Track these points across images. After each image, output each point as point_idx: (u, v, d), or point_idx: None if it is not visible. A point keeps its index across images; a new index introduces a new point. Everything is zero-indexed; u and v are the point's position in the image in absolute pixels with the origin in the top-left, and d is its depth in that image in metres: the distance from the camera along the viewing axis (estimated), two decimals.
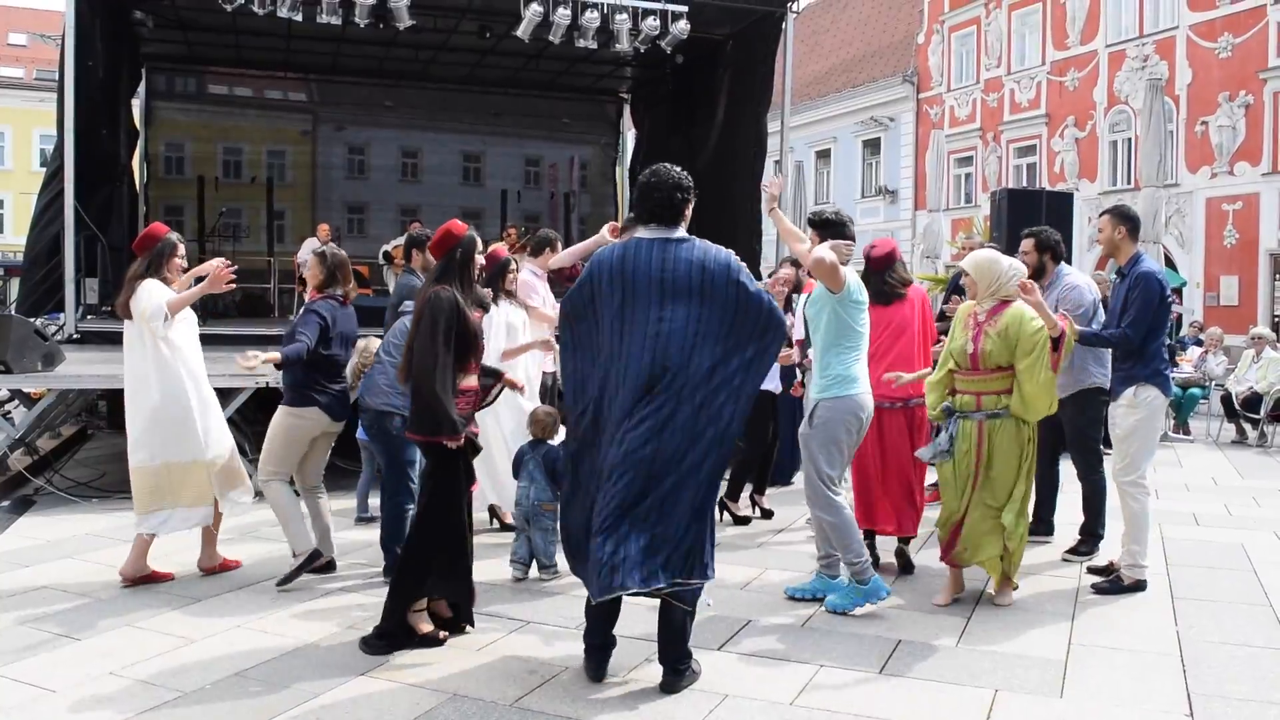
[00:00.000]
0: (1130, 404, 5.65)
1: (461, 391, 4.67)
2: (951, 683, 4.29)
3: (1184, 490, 8.94)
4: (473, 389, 4.81)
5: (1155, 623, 5.12)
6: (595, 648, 4.30)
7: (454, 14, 13.65)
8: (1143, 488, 5.68)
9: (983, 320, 5.31)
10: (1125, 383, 5.70)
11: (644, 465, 3.96)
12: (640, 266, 4.09)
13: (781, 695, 4.13)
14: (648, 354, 4.02)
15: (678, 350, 4.02)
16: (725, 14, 13.52)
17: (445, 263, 4.73)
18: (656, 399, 3.99)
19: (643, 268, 4.09)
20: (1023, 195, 12.87)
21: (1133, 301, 5.62)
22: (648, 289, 4.07)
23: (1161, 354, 5.75)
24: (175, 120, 17.04)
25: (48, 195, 11.86)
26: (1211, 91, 22.96)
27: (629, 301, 4.09)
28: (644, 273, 4.08)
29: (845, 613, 5.17)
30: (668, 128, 16.21)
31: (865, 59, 34.25)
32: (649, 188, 4.24)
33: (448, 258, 4.73)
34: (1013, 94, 28.19)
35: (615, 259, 4.17)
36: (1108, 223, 5.89)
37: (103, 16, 12.11)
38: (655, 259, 4.09)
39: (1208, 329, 15.70)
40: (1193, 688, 4.23)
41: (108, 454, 9.73)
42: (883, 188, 32.32)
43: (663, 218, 4.19)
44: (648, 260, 4.10)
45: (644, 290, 4.07)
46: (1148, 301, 5.59)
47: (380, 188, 18.34)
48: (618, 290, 4.11)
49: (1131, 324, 5.60)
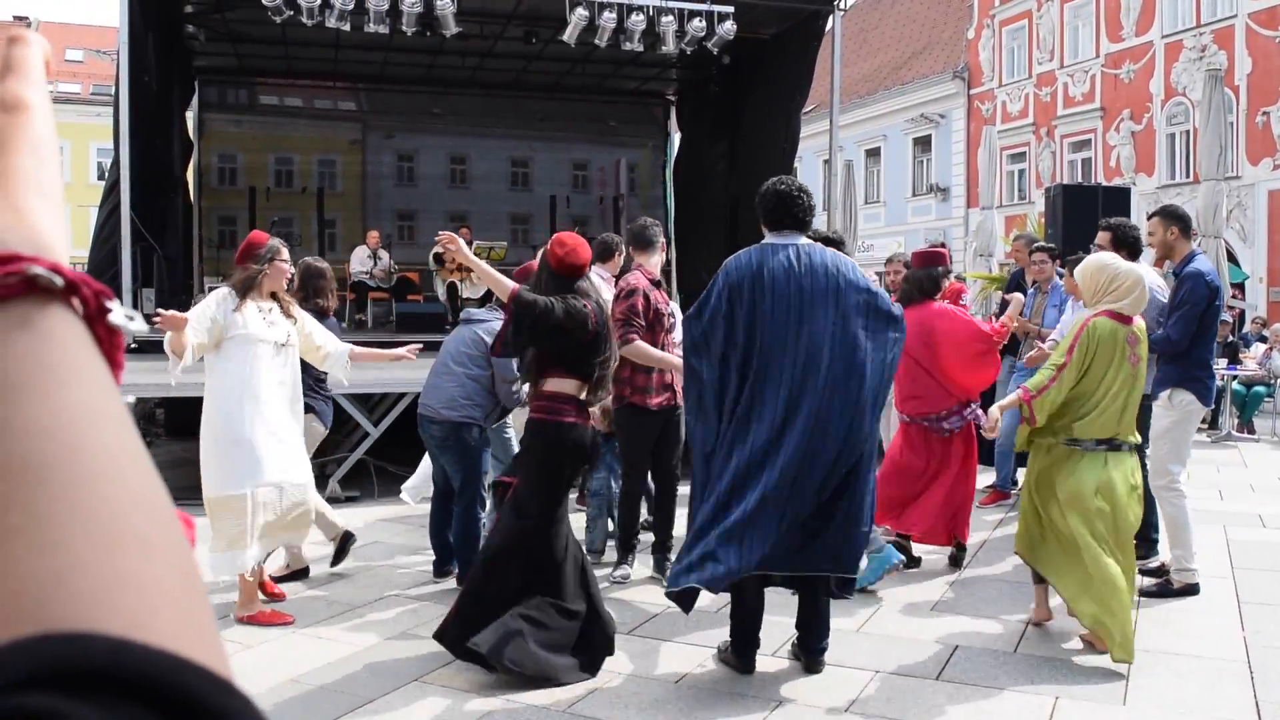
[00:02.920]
0: (1165, 406, 5.55)
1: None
2: (1010, 689, 4.21)
3: (1249, 491, 8.73)
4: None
5: (1221, 628, 4.99)
6: (747, 644, 4.38)
7: (500, 20, 13.71)
8: (1176, 491, 5.56)
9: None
10: (1162, 384, 5.59)
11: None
12: (779, 272, 4.21)
13: (837, 701, 4.08)
14: (812, 353, 4.15)
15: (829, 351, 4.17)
16: (772, 14, 13.44)
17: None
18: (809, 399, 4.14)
19: (780, 274, 4.20)
20: (1078, 191, 12.67)
21: (1179, 303, 5.49)
22: (785, 293, 4.18)
23: (1205, 360, 5.60)
24: (227, 131, 17.25)
25: (107, 208, 12.06)
26: (1272, 81, 22.45)
27: (767, 302, 4.18)
28: (782, 276, 4.20)
29: (870, 583, 5.41)
30: (713, 129, 16.15)
31: (914, 56, 33.94)
32: (784, 195, 4.38)
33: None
34: (1066, 88, 27.76)
35: (754, 265, 4.26)
36: (1158, 224, 5.79)
37: (156, 32, 12.30)
38: (793, 263, 4.23)
39: (1272, 325, 15.35)
40: (1261, 695, 4.11)
41: (165, 461, 9.85)
42: (934, 185, 31.99)
43: (800, 223, 4.39)
44: (786, 263, 4.22)
45: (782, 294, 4.18)
46: (1194, 304, 5.48)
47: (429, 195, 18.43)
48: (762, 296, 4.19)
49: (1174, 326, 5.48)
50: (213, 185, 17.07)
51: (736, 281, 4.24)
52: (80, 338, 0.44)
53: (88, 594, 0.36)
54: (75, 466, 0.40)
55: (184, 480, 5.77)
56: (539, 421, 4.53)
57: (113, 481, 0.40)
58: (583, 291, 4.56)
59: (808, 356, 4.15)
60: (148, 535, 0.40)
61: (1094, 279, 4.67)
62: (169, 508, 0.43)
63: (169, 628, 0.37)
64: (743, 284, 4.22)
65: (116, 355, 0.46)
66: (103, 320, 0.45)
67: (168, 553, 0.40)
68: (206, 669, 0.36)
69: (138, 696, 0.34)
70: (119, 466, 0.41)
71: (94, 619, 0.36)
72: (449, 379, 5.67)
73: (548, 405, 4.52)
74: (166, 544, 0.41)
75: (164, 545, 0.40)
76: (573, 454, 4.57)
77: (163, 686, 0.34)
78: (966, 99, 31.01)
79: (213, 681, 0.36)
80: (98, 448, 0.41)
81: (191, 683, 0.35)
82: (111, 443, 0.42)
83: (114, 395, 0.43)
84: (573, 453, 4.56)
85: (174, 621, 0.38)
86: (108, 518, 0.39)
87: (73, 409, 0.41)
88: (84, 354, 0.43)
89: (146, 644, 0.35)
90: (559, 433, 4.48)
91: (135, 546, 0.39)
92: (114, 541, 0.38)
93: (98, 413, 0.42)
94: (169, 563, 0.40)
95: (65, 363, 0.42)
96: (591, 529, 6.38)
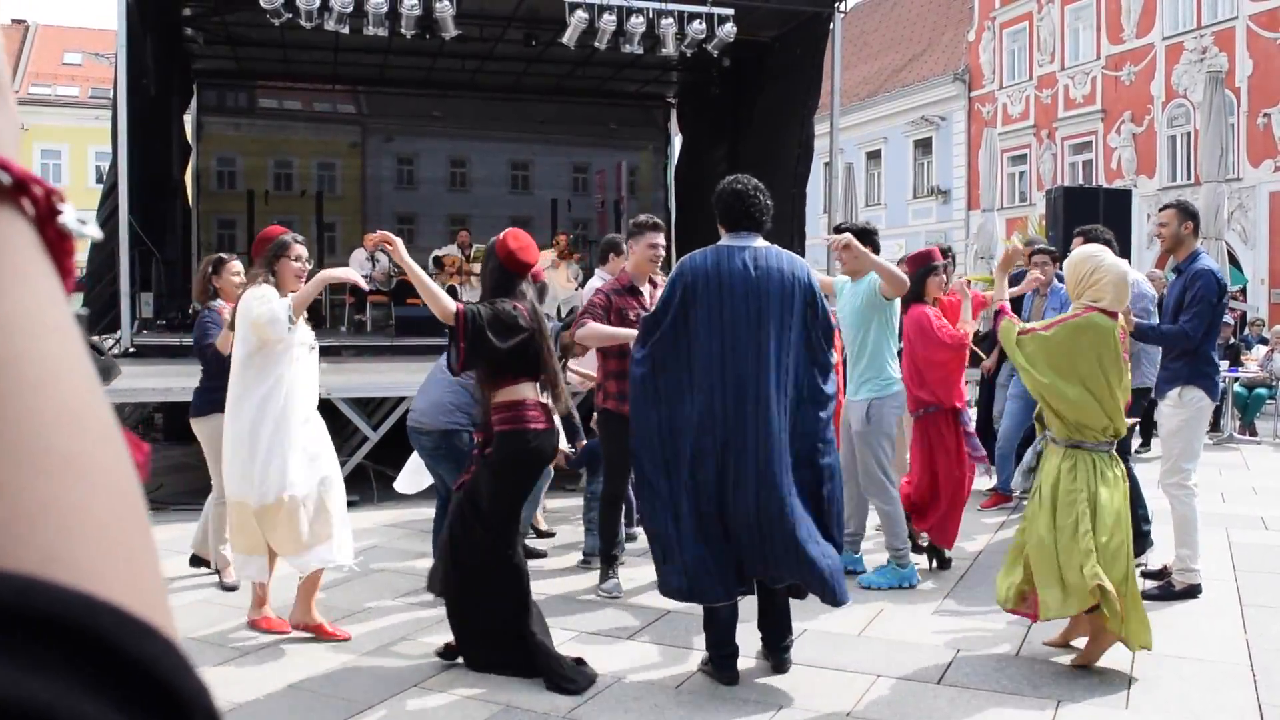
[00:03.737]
0: (1175, 404, 5.54)
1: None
2: (1012, 693, 4.18)
3: (1251, 493, 8.70)
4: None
5: (1224, 631, 4.96)
6: (728, 655, 4.33)
7: (499, 23, 13.71)
8: (1188, 489, 5.54)
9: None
10: (1170, 382, 5.58)
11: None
12: (736, 273, 4.19)
13: (839, 706, 4.06)
14: (757, 363, 4.15)
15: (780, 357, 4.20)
16: (772, 16, 13.44)
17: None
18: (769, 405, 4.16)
19: (739, 274, 4.19)
20: (1079, 193, 12.66)
21: (1194, 299, 5.48)
22: (744, 296, 4.16)
23: (1212, 356, 5.62)
24: (226, 135, 17.25)
25: (105, 212, 12.06)
26: (1273, 83, 22.43)
27: (726, 307, 4.16)
28: (740, 279, 4.18)
29: (879, 588, 5.64)
30: (714, 132, 16.14)
31: (915, 58, 33.93)
32: (742, 195, 4.37)
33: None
34: (1067, 90, 27.75)
35: (710, 266, 4.23)
36: (1173, 216, 5.76)
37: (154, 35, 12.30)
38: (747, 264, 4.22)
39: (1273, 326, 15.31)
40: (1264, 698, 4.09)
41: (164, 466, 9.83)
42: (935, 188, 31.97)
43: (757, 224, 4.36)
44: (743, 266, 4.21)
45: (740, 297, 4.16)
46: (1208, 298, 5.47)
47: (429, 198, 18.43)
48: (715, 297, 4.17)
49: (1191, 320, 5.47)
50: (211, 189, 17.07)
51: (690, 282, 4.21)
52: (26, 240, 0.40)
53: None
54: (1, 379, 0.36)
55: (183, 485, 5.75)
56: (507, 433, 4.40)
57: (43, 395, 0.36)
58: (518, 293, 4.48)
59: (759, 362, 4.14)
60: (78, 457, 0.36)
61: (1077, 270, 4.59)
62: (111, 427, 0.39)
63: (91, 563, 0.34)
64: (697, 284, 4.19)
65: (66, 261, 0.42)
66: (53, 222, 0.41)
67: (101, 477, 0.37)
68: (123, 610, 0.33)
69: (45, 641, 0.31)
70: (54, 380, 0.37)
71: (2, 552, 0.33)
72: (442, 386, 5.65)
73: (512, 415, 4.41)
74: (101, 467, 0.37)
75: (97, 468, 0.37)
76: (541, 462, 4.55)
77: (73, 630, 0.31)
78: (967, 101, 31.00)
79: (130, 624, 0.33)
80: (30, 358, 0.37)
81: (106, 626, 0.32)
82: (48, 353, 0.37)
83: (59, 303, 0.40)
84: (541, 460, 4.54)
85: (98, 556, 0.34)
86: (30, 435, 0.35)
87: (8, 316, 0.37)
88: (28, 257, 0.39)
89: (58, 582, 0.32)
90: (527, 442, 4.41)
91: (61, 469, 0.35)
92: (36, 462, 0.35)
93: (36, 321, 0.38)
94: (101, 489, 0.36)
95: (5, 266, 0.38)
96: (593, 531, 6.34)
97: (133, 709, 0.32)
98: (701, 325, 4.18)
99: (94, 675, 0.31)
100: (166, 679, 0.33)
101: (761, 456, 4.12)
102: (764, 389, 4.13)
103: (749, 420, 4.13)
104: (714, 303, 4.16)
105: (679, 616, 5.16)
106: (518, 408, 4.42)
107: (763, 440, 4.12)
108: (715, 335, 4.16)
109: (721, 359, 4.15)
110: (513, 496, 4.50)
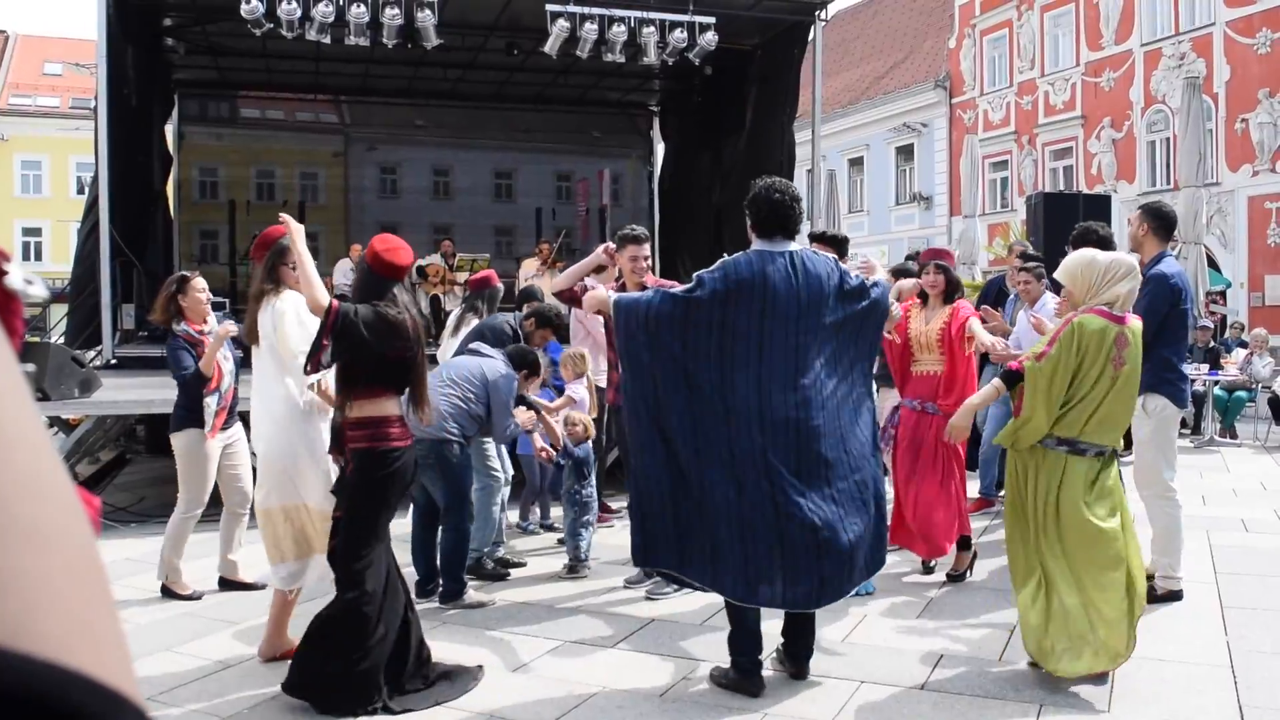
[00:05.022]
0: (1139, 414, 5.48)
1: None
2: (995, 698, 4.20)
3: (1232, 495, 8.75)
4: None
5: (1205, 633, 4.99)
6: (756, 663, 4.33)
7: (481, 32, 13.71)
8: (1169, 499, 5.53)
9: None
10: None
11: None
12: (779, 277, 4.18)
13: (823, 712, 4.06)
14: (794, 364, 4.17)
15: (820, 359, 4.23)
16: (753, 24, 13.48)
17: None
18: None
19: (782, 278, 4.17)
20: (1059, 199, 12.73)
21: (1146, 310, 5.48)
22: (787, 301, 4.16)
23: (1173, 363, 5.56)
24: (207, 145, 17.20)
25: (89, 224, 12.01)
26: (1251, 88, 22.61)
27: (768, 312, 4.15)
28: (784, 284, 4.17)
29: (864, 593, 5.54)
30: (697, 139, 16.18)
31: (896, 65, 34.07)
32: (784, 206, 4.36)
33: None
34: (1047, 96, 27.91)
35: (756, 270, 4.19)
36: (1136, 218, 5.90)
37: (135, 44, 12.26)
38: (790, 272, 4.21)
39: (1253, 330, 15.41)
40: (1245, 700, 4.11)
41: (145, 479, 9.79)
42: (917, 194, 32.09)
43: (788, 229, 4.35)
44: (786, 271, 4.20)
45: (784, 302, 4.16)
46: (1154, 304, 5.38)
47: (412, 207, 18.40)
48: (756, 300, 4.15)
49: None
50: (193, 199, 17.01)
51: (736, 285, 4.16)
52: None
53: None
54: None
55: (166, 499, 5.74)
56: (364, 452, 4.21)
57: (1, 465, 0.35)
58: (395, 299, 4.29)
59: (799, 365, 4.16)
60: (36, 525, 0.35)
61: (1085, 275, 4.39)
62: (69, 492, 0.38)
63: (55, 632, 0.33)
64: (745, 287, 4.16)
65: (14, 321, 0.42)
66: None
67: (63, 544, 0.36)
68: (94, 680, 0.32)
69: (19, 714, 0.30)
70: (10, 449, 0.36)
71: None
72: (434, 395, 5.61)
73: (371, 432, 4.21)
74: (62, 534, 0.36)
75: (56, 536, 0.36)
76: (402, 481, 4.35)
77: (43, 703, 0.31)
78: (948, 108, 31.14)
79: (101, 696, 0.32)
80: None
81: (77, 698, 0.32)
82: (3, 421, 0.36)
83: (9, 366, 0.39)
84: (402, 479, 4.35)
85: (62, 625, 0.34)
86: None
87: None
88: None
89: (26, 654, 0.31)
90: (386, 461, 4.23)
91: (19, 538, 0.34)
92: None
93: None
94: (64, 557, 0.35)
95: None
96: (578, 538, 6.33)
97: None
98: (743, 326, 4.15)
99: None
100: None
101: (805, 463, 4.13)
102: (805, 390, 4.15)
103: (790, 426, 4.12)
104: (756, 306, 4.15)
105: (661, 625, 5.16)
106: (379, 424, 4.22)
107: (806, 444, 4.13)
108: (754, 337, 4.14)
109: (760, 360, 4.14)
110: (371, 517, 4.27)
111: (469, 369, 5.80)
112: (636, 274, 5.90)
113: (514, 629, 5.15)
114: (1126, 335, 4.34)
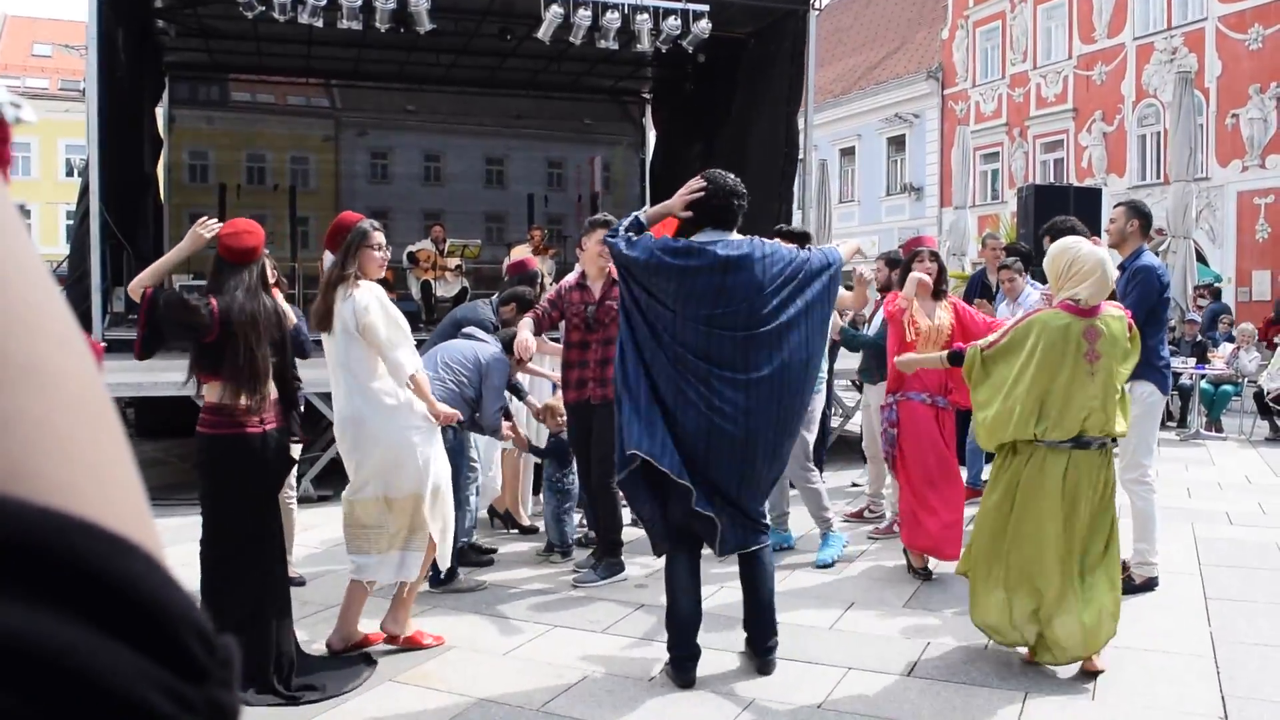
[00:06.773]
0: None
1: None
2: (981, 685, 4.23)
3: (1217, 489, 8.81)
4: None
5: (1188, 624, 5.04)
6: (686, 657, 4.32)
7: (474, 17, 13.66)
8: (1147, 485, 5.63)
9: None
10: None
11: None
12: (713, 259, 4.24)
13: (809, 699, 4.09)
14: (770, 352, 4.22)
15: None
16: (747, 13, 13.46)
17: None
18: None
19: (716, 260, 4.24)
20: (1050, 191, 12.78)
21: (1130, 292, 5.56)
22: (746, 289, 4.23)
23: (1159, 350, 5.70)
24: (198, 128, 17.12)
25: (82, 208, 11.95)
26: (1242, 84, 22.68)
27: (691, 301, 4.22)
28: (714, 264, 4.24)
29: (833, 562, 6.12)
30: (689, 128, 16.17)
31: (888, 56, 34.08)
32: (738, 196, 4.44)
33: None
34: (1039, 89, 27.95)
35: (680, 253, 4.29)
36: (1121, 214, 5.97)
37: (126, 26, 12.19)
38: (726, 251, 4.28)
39: (1239, 324, 15.49)
40: (1227, 690, 4.16)
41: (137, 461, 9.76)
42: (908, 185, 32.13)
43: (725, 221, 4.41)
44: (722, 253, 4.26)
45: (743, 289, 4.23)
46: (1145, 294, 5.56)
47: (403, 192, 18.36)
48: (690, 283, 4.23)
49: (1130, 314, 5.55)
50: (183, 183, 16.94)
51: (662, 266, 4.26)
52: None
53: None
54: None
55: (156, 480, 5.72)
56: (200, 436, 4.18)
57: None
58: (228, 286, 4.12)
59: (764, 347, 4.22)
60: (32, 362, 0.33)
61: (1055, 263, 4.43)
62: (71, 330, 0.36)
63: (59, 478, 0.31)
64: (673, 271, 4.26)
65: (3, 149, 0.39)
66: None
67: (64, 385, 0.33)
68: (97, 526, 0.30)
69: (12, 563, 0.28)
70: (3, 283, 0.33)
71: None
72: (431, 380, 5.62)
73: (209, 420, 4.15)
74: (63, 374, 0.34)
75: (59, 376, 0.33)
76: (232, 469, 4.17)
77: (42, 550, 0.29)
78: (940, 99, 31.17)
79: (105, 541, 0.30)
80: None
81: (79, 544, 0.29)
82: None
83: (1, 197, 0.36)
84: (232, 467, 4.17)
85: (66, 470, 0.32)
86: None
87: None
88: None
89: (23, 499, 0.29)
90: (216, 449, 4.15)
91: (19, 379, 0.32)
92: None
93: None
94: (65, 398, 0.33)
95: None
96: (561, 524, 6.36)
97: (114, 631, 0.29)
98: (680, 312, 4.21)
99: (68, 597, 0.29)
100: (150, 597, 0.31)
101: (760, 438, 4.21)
102: (760, 367, 4.19)
103: (749, 400, 4.17)
104: (689, 291, 4.20)
105: (652, 610, 5.19)
106: (215, 411, 4.14)
107: (765, 418, 4.18)
108: (700, 321, 4.19)
109: (707, 339, 4.18)
110: (215, 501, 4.21)
111: (462, 353, 5.80)
112: (603, 258, 5.83)
113: (502, 614, 5.17)
114: (1098, 327, 4.28)
